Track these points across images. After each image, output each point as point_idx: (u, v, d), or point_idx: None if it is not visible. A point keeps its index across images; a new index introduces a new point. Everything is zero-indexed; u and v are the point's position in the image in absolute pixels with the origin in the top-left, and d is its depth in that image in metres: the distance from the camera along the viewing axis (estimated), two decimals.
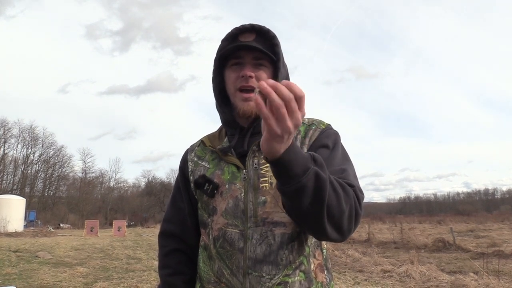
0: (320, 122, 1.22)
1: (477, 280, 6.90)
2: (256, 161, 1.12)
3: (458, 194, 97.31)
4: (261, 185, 1.10)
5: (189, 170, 1.26)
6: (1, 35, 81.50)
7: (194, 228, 1.26)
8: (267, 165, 1.10)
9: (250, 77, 1.13)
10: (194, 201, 1.25)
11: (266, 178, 1.10)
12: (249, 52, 1.14)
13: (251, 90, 1.13)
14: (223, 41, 1.18)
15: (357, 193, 0.97)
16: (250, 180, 1.11)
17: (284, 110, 0.74)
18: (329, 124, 1.23)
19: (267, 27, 1.17)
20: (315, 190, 0.85)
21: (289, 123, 0.75)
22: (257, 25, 1.17)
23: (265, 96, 0.74)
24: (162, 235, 1.33)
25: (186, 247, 1.28)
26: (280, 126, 0.75)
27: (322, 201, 0.86)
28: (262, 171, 1.11)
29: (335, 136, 1.18)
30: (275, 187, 1.08)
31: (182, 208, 1.29)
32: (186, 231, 1.27)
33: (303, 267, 1.08)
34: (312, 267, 1.10)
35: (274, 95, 0.73)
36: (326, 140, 1.14)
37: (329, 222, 0.90)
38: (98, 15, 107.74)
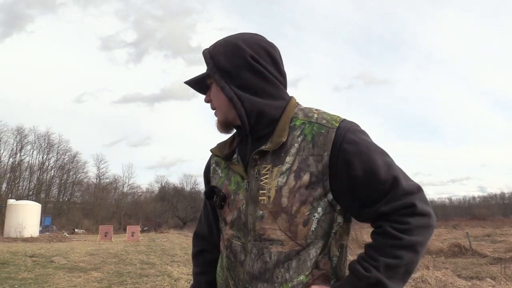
0: (332, 118, 1.08)
1: (495, 286, 6.78)
2: (257, 170, 1.08)
3: (473, 198, 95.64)
4: (260, 198, 1.06)
5: (210, 175, 1.27)
6: (22, 49, 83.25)
7: (218, 231, 1.28)
8: (267, 175, 1.06)
9: (208, 101, 1.21)
10: None
11: (265, 191, 1.06)
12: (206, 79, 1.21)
13: (213, 109, 1.21)
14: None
15: (420, 211, 0.99)
16: (251, 191, 1.08)
17: None
18: (343, 120, 1.09)
19: (206, 48, 1.19)
20: None
21: None
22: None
23: None
24: (194, 235, 1.39)
25: (213, 248, 1.31)
26: None
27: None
28: (262, 182, 1.07)
29: (358, 138, 1.05)
30: (273, 201, 1.04)
31: (209, 211, 1.32)
32: (212, 233, 1.31)
33: (300, 286, 1.03)
34: (312, 282, 1.04)
35: None
36: (353, 158, 1.01)
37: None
38: (114, 28, 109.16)
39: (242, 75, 1.11)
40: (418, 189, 1.02)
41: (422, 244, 0.98)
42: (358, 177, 1.01)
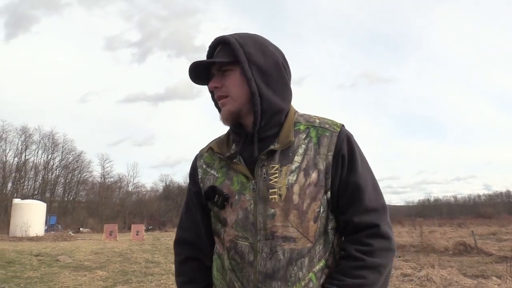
0: (333, 123, 1.17)
1: (501, 285, 6.74)
2: (265, 170, 1.10)
3: (479, 196, 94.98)
4: (270, 196, 1.07)
5: (199, 177, 1.24)
6: (27, 50, 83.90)
7: (208, 235, 1.25)
8: (276, 174, 1.08)
9: (215, 87, 1.15)
10: (206, 209, 1.23)
11: (275, 190, 1.07)
12: (213, 65, 1.15)
13: (223, 97, 1.14)
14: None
15: (382, 233, 1.08)
16: (259, 191, 1.09)
17: None
18: (343, 125, 1.18)
19: (228, 35, 1.15)
20: None
21: None
22: (218, 37, 1.16)
23: None
24: (177, 243, 1.32)
25: (201, 254, 1.27)
26: None
27: None
28: (271, 182, 1.08)
29: (354, 144, 1.16)
30: (284, 199, 1.07)
31: (195, 215, 1.28)
32: (200, 238, 1.26)
33: (311, 284, 1.05)
34: (321, 281, 1.07)
35: None
36: (347, 160, 1.12)
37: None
38: (118, 28, 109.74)
39: (271, 73, 1.13)
40: (383, 208, 1.12)
41: (384, 266, 1.07)
42: (344, 178, 1.11)
